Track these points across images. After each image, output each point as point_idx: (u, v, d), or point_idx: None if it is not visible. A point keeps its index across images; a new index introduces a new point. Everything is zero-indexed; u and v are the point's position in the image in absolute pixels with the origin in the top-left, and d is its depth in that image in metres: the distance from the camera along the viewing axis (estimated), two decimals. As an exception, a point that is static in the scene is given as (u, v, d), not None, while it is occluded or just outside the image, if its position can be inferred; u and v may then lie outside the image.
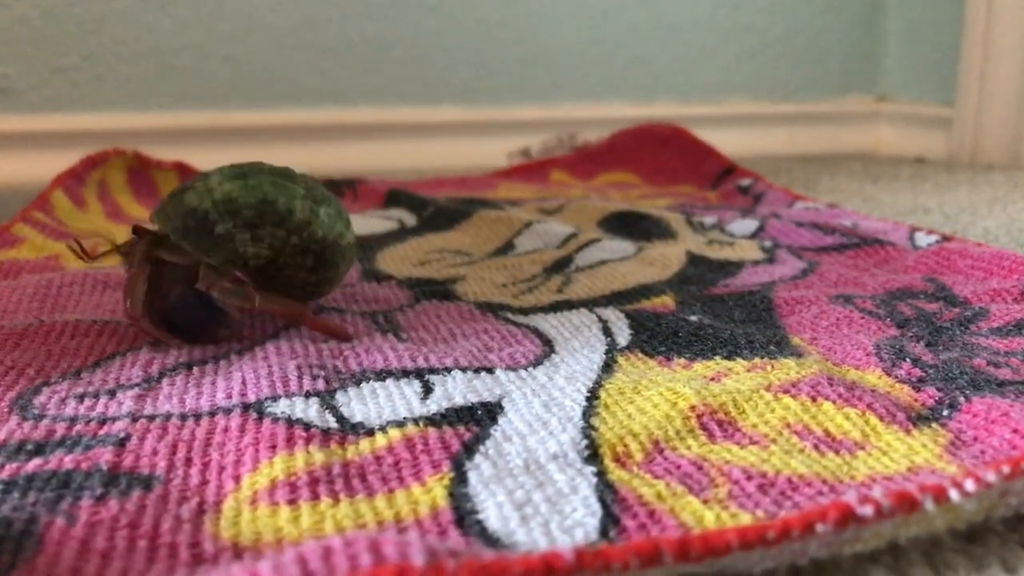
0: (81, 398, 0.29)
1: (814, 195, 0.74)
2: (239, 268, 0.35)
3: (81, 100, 0.94)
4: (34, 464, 0.23)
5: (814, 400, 0.28)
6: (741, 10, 1.17)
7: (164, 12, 0.96)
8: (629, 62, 1.13)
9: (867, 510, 0.19)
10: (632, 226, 0.55)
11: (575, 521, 0.21)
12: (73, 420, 0.27)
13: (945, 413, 0.27)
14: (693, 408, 0.27)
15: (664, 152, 0.80)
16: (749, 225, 0.56)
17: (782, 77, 1.21)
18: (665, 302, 0.39)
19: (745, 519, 0.21)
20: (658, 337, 0.34)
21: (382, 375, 0.30)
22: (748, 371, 0.30)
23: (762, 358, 0.32)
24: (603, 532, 0.21)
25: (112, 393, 0.29)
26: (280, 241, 0.35)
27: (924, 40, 1.17)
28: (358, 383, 0.29)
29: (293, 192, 0.35)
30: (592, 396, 0.28)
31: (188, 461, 0.24)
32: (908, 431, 0.26)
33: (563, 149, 0.85)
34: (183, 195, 0.35)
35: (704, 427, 0.26)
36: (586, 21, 1.10)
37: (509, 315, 0.38)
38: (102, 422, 0.27)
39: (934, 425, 0.26)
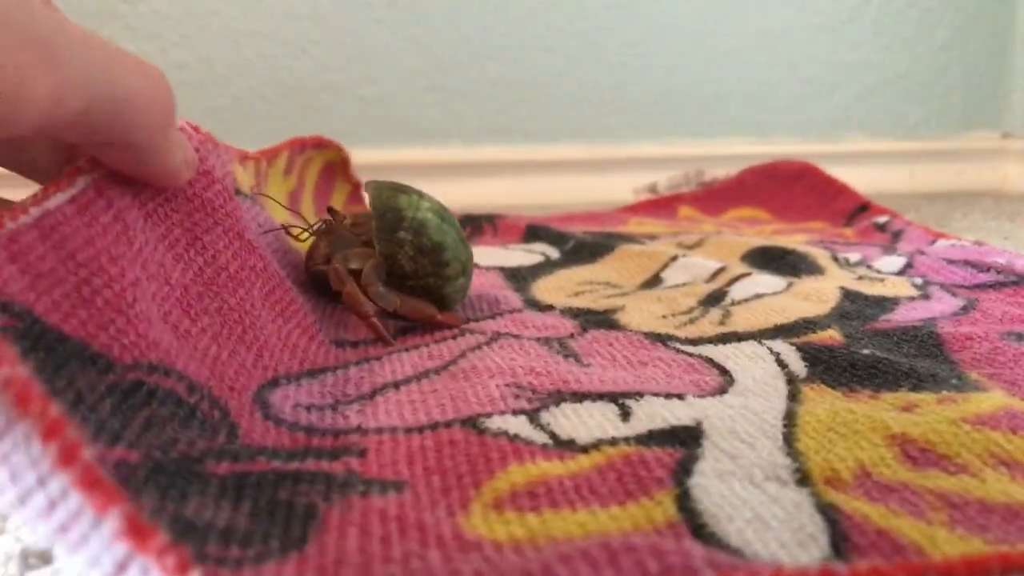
0: (309, 409, 0.31)
1: (949, 233, 0.73)
2: (391, 271, 0.43)
3: (230, 137, 1.01)
4: (295, 465, 0.26)
5: (1014, 432, 0.28)
6: (861, 47, 1.17)
7: (305, 54, 1.02)
8: (747, 100, 1.14)
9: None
10: (777, 261, 0.56)
11: (807, 536, 0.22)
12: (310, 431, 0.29)
13: None
14: (894, 437, 0.28)
15: (794, 189, 0.81)
16: (896, 262, 0.56)
17: (903, 114, 1.20)
18: (832, 336, 0.40)
19: (976, 544, 0.22)
20: (835, 369, 0.35)
21: (577, 397, 0.32)
22: (939, 403, 0.31)
23: (949, 391, 0.32)
24: (836, 548, 0.22)
25: (334, 407, 0.32)
26: (423, 273, 0.43)
27: (1055, 75, 1.14)
28: (557, 404, 0.31)
29: (458, 254, 0.44)
30: (790, 422, 0.29)
31: (426, 471, 0.26)
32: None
33: (690, 185, 0.86)
34: (398, 195, 0.43)
35: (908, 455, 0.27)
36: (704, 60, 1.12)
37: (678, 345, 0.39)
38: (336, 435, 0.29)
39: None
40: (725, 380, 0.34)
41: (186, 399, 0.25)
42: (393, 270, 0.43)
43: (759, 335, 0.40)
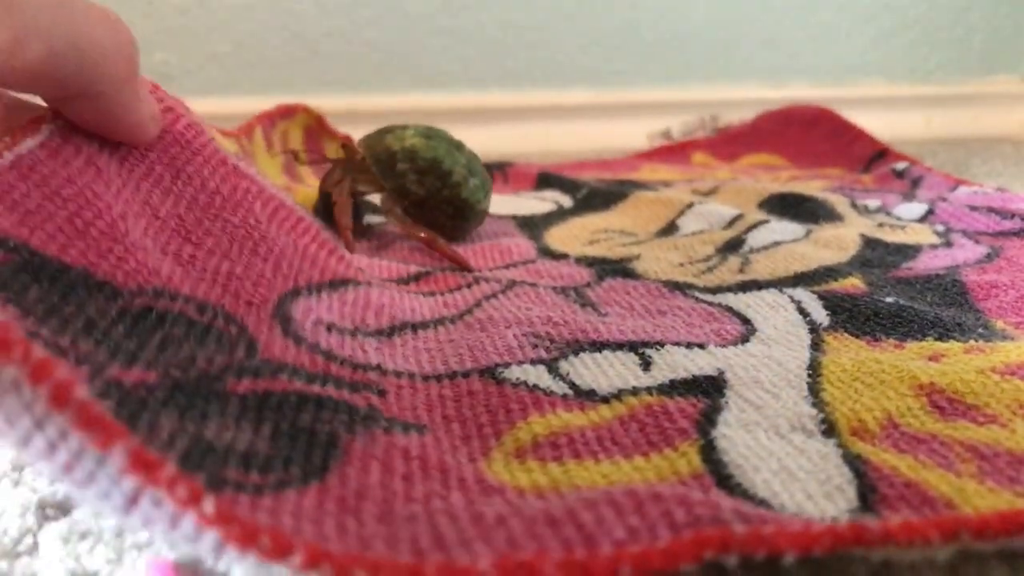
0: (329, 329, 0.30)
1: (968, 180, 0.71)
2: (403, 200, 0.48)
3: (232, 85, 0.99)
4: (317, 389, 0.25)
5: (1045, 382, 0.27)
6: (878, -11, 1.14)
7: (309, -1, 0.99)
8: (762, 43, 1.11)
9: None
10: (796, 208, 0.55)
11: (834, 487, 0.22)
12: (329, 356, 0.28)
13: None
14: (921, 386, 0.27)
15: (811, 134, 0.79)
16: (917, 209, 0.55)
17: (921, 58, 1.17)
18: (855, 284, 0.39)
19: (1006, 497, 0.21)
20: (858, 318, 0.34)
21: (597, 346, 0.31)
22: (966, 353, 0.30)
23: (976, 340, 0.32)
24: (863, 500, 0.21)
25: (353, 334, 0.30)
26: (435, 190, 0.47)
27: (1079, 17, 1.11)
28: (576, 353, 0.31)
29: (456, 159, 0.48)
30: (814, 372, 0.29)
31: (445, 419, 0.26)
32: None
33: (705, 131, 0.85)
34: (384, 136, 0.48)
35: (935, 405, 0.26)
36: (718, 2, 1.09)
37: (697, 294, 0.39)
38: (354, 367, 0.28)
39: None
40: (747, 329, 0.34)
41: (198, 319, 0.25)
42: (411, 201, 0.48)
43: (779, 283, 0.40)
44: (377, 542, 0.17)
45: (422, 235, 0.45)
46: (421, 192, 0.47)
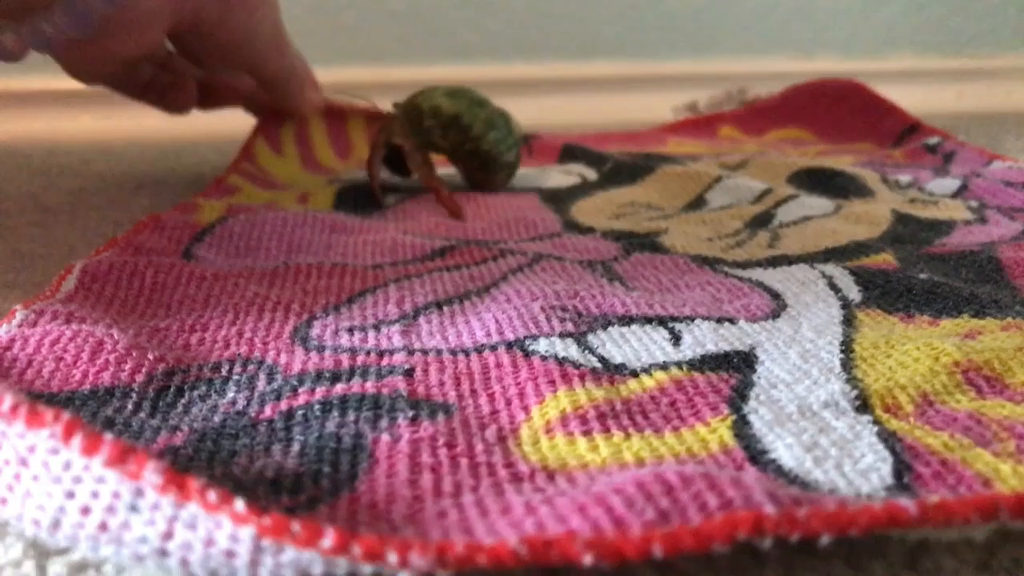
0: (351, 331, 0.31)
1: (1002, 155, 0.70)
2: (431, 153, 0.53)
3: (256, 56, 0.99)
4: (340, 388, 0.25)
5: (1084, 361, 0.27)
6: (912, -42, 1.11)
7: (332, -31, 0.99)
8: (789, 15, 1.09)
9: None
10: (826, 183, 0.54)
11: (868, 465, 0.21)
12: (353, 351, 0.29)
13: None
14: (957, 364, 0.27)
15: (840, 108, 0.78)
16: (950, 184, 0.54)
17: (952, 30, 1.15)
18: (886, 259, 0.39)
19: (1045, 474, 0.21)
20: (891, 294, 0.34)
21: (625, 320, 0.31)
22: (1003, 330, 0.30)
23: (1013, 318, 0.31)
24: (898, 478, 0.21)
25: (376, 328, 0.31)
26: (458, 144, 0.53)
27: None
28: (604, 327, 0.31)
29: (476, 115, 0.53)
30: (846, 348, 0.29)
31: (474, 393, 0.26)
32: None
33: (732, 104, 0.84)
34: (416, 97, 0.53)
35: (971, 383, 0.26)
36: (746, -28, 1.07)
37: (726, 269, 0.38)
38: (380, 354, 0.29)
39: None
40: (777, 304, 0.33)
41: (215, 376, 0.27)
42: (440, 155, 0.54)
43: (810, 258, 0.39)
44: (408, 533, 0.18)
45: (432, 183, 0.51)
46: (446, 146, 0.53)
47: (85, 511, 0.17)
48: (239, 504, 0.16)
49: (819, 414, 0.24)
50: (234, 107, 0.64)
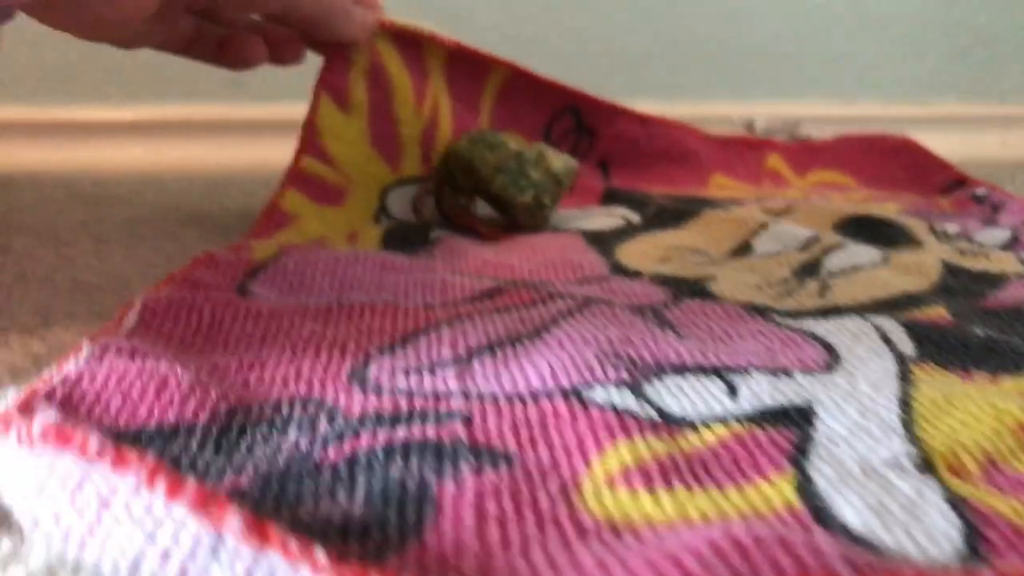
0: (407, 372, 0.31)
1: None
2: (461, 195, 0.56)
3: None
4: (402, 433, 0.26)
5: None
6: (954, 6, 1.11)
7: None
8: (830, 59, 1.10)
9: None
10: (872, 231, 0.54)
11: (937, 530, 0.21)
12: (411, 394, 0.29)
13: None
14: (1021, 426, 0.26)
15: (890, 163, 0.78)
16: (999, 234, 0.54)
17: (996, 77, 1.14)
18: (940, 313, 0.38)
19: (1120, 544, 0.21)
20: (947, 349, 0.34)
21: (680, 370, 0.31)
22: (1066, 391, 0.29)
23: (1075, 378, 0.31)
24: (969, 544, 0.21)
25: (432, 371, 0.31)
26: (472, 187, 0.55)
27: None
28: (659, 376, 0.31)
29: (486, 160, 0.55)
30: (905, 405, 0.28)
31: (533, 441, 0.26)
32: None
33: (783, 135, 0.84)
34: (452, 145, 0.57)
35: (1036, 445, 0.26)
36: (785, 16, 1.08)
37: (778, 318, 0.38)
38: (437, 397, 0.29)
39: None
40: (831, 357, 0.33)
41: (276, 415, 0.27)
42: (468, 197, 0.56)
43: (861, 309, 0.39)
44: None
45: (466, 221, 0.55)
46: (468, 188, 0.56)
47: (165, 556, 0.17)
48: (320, 553, 0.16)
49: (882, 474, 0.24)
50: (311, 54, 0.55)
